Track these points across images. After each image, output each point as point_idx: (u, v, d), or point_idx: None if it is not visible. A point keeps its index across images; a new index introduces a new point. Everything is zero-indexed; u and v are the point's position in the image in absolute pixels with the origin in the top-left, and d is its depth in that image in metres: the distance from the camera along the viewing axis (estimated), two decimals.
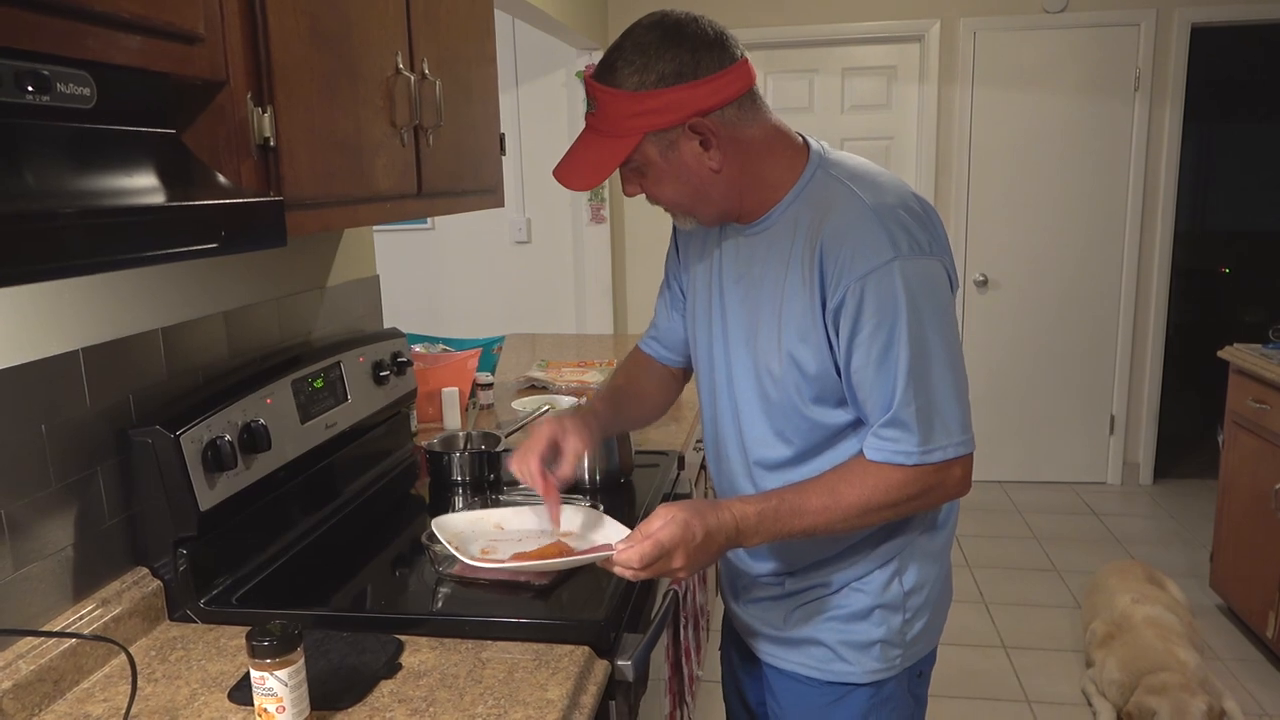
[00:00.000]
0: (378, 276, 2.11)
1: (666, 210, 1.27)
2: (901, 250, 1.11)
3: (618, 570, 1.10)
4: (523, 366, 3.00)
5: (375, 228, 2.08)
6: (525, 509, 1.36)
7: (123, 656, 1.24)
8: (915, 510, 1.23)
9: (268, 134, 1.05)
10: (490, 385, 2.51)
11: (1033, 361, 4.64)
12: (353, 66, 1.26)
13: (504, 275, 4.79)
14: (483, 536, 1.32)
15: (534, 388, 2.69)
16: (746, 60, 1.16)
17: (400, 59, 1.39)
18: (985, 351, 4.61)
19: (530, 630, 1.26)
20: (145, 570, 1.34)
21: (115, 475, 1.31)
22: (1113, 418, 4.65)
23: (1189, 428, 5.18)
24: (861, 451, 1.18)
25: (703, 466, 2.51)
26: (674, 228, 1.39)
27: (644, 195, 1.24)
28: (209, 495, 1.34)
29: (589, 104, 1.18)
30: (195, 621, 1.34)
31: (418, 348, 2.61)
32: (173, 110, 0.99)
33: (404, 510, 1.84)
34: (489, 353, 2.59)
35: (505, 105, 4.41)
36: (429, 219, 4.82)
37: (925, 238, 1.14)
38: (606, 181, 2.37)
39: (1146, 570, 3.09)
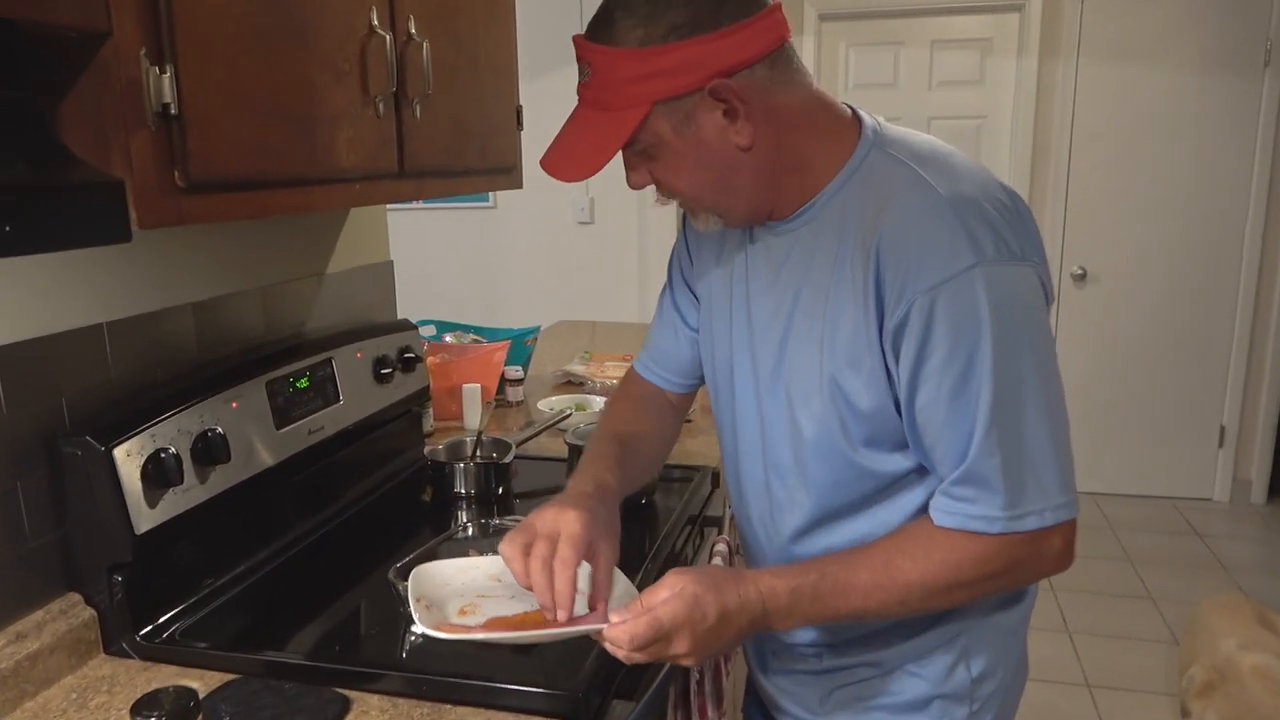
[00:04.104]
0: (391, 262, 1.93)
1: (684, 206, 1.04)
2: (985, 254, 0.86)
3: (608, 648, 0.89)
4: (570, 356, 2.79)
5: (427, 204, 1.89)
6: None
7: (40, 697, 1.10)
8: (997, 591, 0.99)
9: (168, 99, 0.86)
10: (520, 380, 2.32)
11: (1134, 363, 4.24)
12: (298, 20, 1.06)
13: (565, 257, 4.60)
14: (469, 591, 1.08)
15: (570, 383, 2.49)
16: (780, 8, 0.92)
17: (375, 15, 1.19)
18: (1081, 351, 4.23)
19: (497, 695, 1.06)
20: (79, 597, 1.19)
21: (43, 489, 1.15)
22: (1223, 428, 4.21)
23: None
24: (928, 513, 0.94)
25: None
26: (683, 220, 1.15)
27: (654, 188, 1.00)
28: (148, 515, 1.17)
29: (581, 72, 0.94)
30: (132, 657, 1.18)
31: (448, 337, 2.44)
32: (40, 70, 0.81)
33: (405, 523, 1.66)
34: (520, 345, 2.40)
35: (562, 74, 4.20)
36: (490, 195, 4.66)
37: (1015, 238, 0.89)
38: None
39: (1256, 609, 2.73)
